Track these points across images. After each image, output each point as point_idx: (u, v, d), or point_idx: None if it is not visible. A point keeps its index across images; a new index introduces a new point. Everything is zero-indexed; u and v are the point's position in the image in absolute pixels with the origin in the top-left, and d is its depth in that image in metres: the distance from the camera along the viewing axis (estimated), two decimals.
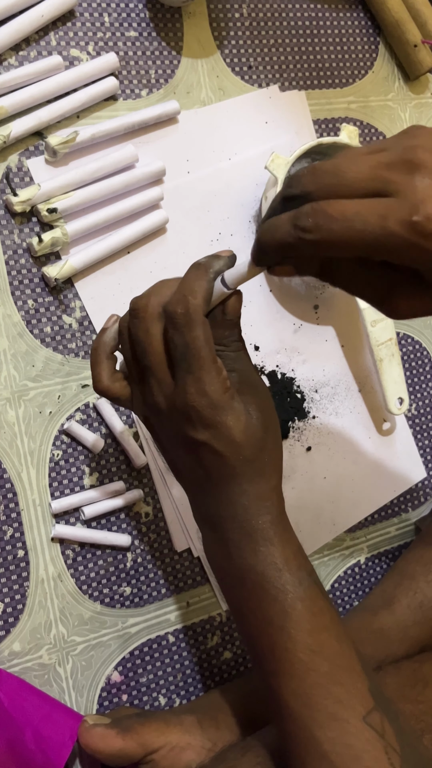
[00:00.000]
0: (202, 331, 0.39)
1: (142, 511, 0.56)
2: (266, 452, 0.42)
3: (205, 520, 0.43)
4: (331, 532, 0.64)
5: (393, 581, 0.59)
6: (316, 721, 0.38)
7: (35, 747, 0.45)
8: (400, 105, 0.70)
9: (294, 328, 0.63)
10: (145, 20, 0.59)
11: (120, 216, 0.55)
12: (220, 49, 0.62)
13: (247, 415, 0.40)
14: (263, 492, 0.42)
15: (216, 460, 0.40)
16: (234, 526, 0.41)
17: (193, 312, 0.39)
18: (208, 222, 0.60)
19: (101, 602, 0.54)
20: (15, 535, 0.52)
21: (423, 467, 0.69)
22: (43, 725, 0.46)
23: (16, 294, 0.53)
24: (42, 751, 0.45)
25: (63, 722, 0.47)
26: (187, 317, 0.39)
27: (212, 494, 0.41)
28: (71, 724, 0.47)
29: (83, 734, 0.46)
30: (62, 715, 0.48)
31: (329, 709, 0.39)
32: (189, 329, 0.39)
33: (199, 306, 0.39)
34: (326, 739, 0.38)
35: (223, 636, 0.59)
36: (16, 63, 0.54)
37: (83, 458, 0.54)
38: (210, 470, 0.41)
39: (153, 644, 0.56)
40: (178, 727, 0.48)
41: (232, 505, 0.41)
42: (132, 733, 0.47)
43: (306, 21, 0.66)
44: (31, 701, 0.47)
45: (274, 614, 0.40)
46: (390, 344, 0.62)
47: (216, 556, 0.43)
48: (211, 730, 0.49)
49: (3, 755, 0.45)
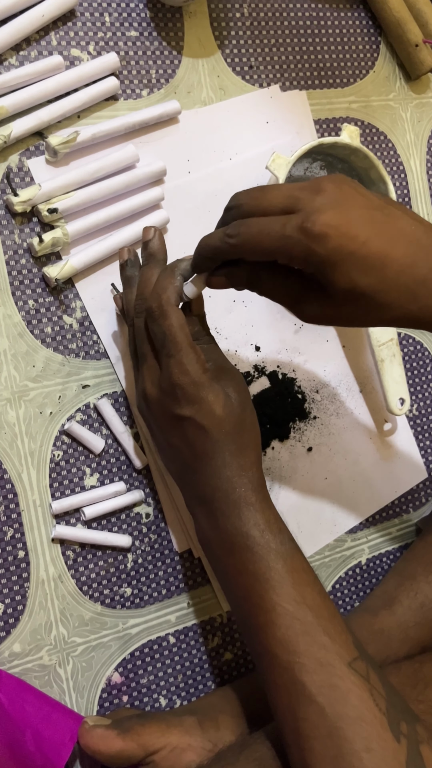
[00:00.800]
0: (176, 319, 0.45)
1: (143, 511, 0.56)
2: (245, 429, 0.47)
3: (195, 498, 0.47)
4: (332, 532, 0.63)
5: (394, 582, 0.59)
6: (304, 666, 0.41)
7: (35, 748, 0.45)
8: (402, 105, 0.70)
9: (295, 328, 0.63)
10: (146, 20, 0.59)
11: (121, 216, 0.55)
12: (221, 49, 0.62)
13: (226, 394, 0.46)
14: (244, 464, 0.46)
15: (200, 435, 0.46)
16: (220, 495, 0.45)
17: (165, 304, 0.46)
18: (208, 222, 0.60)
19: (102, 603, 0.54)
20: (15, 535, 0.51)
21: (424, 468, 0.69)
22: (43, 726, 0.46)
23: (17, 294, 0.53)
24: (42, 752, 0.45)
25: (63, 723, 0.47)
26: (161, 309, 0.46)
27: (200, 470, 0.46)
28: (71, 725, 0.47)
29: (83, 735, 0.46)
30: (62, 716, 0.47)
31: (316, 655, 0.41)
32: (164, 318, 0.45)
33: (170, 299, 0.46)
34: (312, 682, 0.40)
35: (224, 637, 0.59)
36: (16, 63, 0.54)
37: (84, 459, 0.54)
38: (195, 446, 0.46)
39: (154, 645, 0.56)
40: (178, 728, 0.48)
41: (218, 477, 0.46)
42: (132, 734, 0.47)
43: (307, 21, 0.66)
44: (31, 702, 0.47)
45: (260, 570, 0.44)
46: (391, 344, 0.62)
47: (207, 530, 0.46)
48: (212, 731, 0.49)
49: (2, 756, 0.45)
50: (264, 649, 0.43)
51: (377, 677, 0.41)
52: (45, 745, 0.46)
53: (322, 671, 0.40)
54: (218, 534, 0.46)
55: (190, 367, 0.45)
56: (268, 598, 0.43)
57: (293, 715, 0.40)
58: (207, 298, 0.59)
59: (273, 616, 0.42)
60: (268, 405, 0.61)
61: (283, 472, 0.61)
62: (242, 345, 0.61)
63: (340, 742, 0.38)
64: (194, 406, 0.45)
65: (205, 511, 0.46)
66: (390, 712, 0.40)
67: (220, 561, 0.46)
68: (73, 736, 0.47)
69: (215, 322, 0.59)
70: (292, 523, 0.61)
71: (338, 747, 0.38)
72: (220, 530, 0.45)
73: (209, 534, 0.46)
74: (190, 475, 0.47)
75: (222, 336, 0.60)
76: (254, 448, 0.47)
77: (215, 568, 0.47)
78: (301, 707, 0.40)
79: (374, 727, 0.39)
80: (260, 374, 0.61)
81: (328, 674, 0.40)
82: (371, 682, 0.41)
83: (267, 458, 0.61)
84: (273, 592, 0.43)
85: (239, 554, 0.44)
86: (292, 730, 0.41)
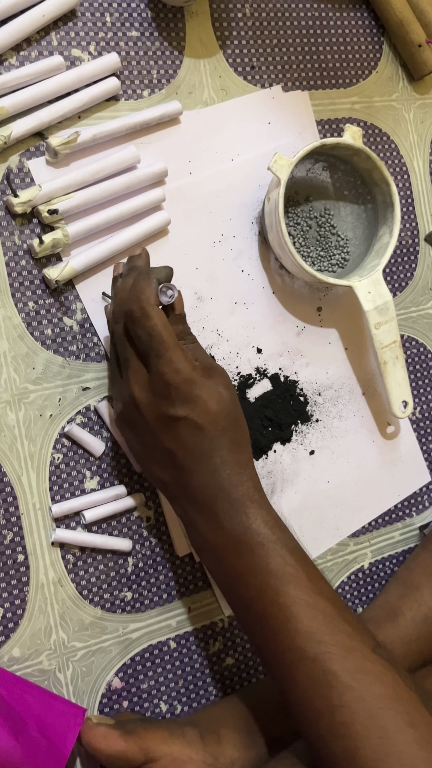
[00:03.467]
0: (159, 319, 0.45)
1: (144, 515, 0.56)
2: (238, 425, 0.47)
3: (192, 503, 0.46)
4: (335, 536, 0.63)
5: (397, 592, 0.58)
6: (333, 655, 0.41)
7: (39, 734, 0.44)
8: (405, 105, 0.70)
9: (297, 330, 0.62)
10: (147, 20, 0.58)
11: (121, 217, 0.55)
12: (223, 49, 0.61)
13: (218, 391, 0.46)
14: (241, 460, 0.46)
15: (197, 434, 0.45)
16: (222, 495, 0.45)
17: (146, 305, 0.45)
18: (210, 223, 0.60)
19: (102, 607, 0.54)
20: (15, 539, 0.51)
21: (427, 471, 0.68)
22: (45, 714, 0.46)
23: (17, 296, 0.52)
24: (47, 738, 0.44)
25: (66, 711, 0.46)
26: (142, 310, 0.45)
27: (196, 472, 0.45)
28: (75, 712, 0.46)
29: (86, 732, 0.46)
30: (64, 706, 0.47)
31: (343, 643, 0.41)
32: (147, 319, 0.45)
33: (150, 299, 0.45)
34: (345, 669, 0.41)
35: (225, 642, 0.58)
36: (17, 63, 0.54)
37: (84, 462, 0.54)
38: (192, 446, 0.45)
39: (154, 650, 0.55)
40: (180, 739, 0.47)
41: (217, 476, 0.45)
42: (135, 736, 0.46)
43: (309, 21, 0.65)
44: (32, 694, 0.47)
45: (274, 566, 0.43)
46: (394, 347, 0.62)
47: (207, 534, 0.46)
48: (213, 744, 0.48)
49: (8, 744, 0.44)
50: (286, 646, 0.42)
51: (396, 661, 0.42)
52: (49, 731, 0.45)
53: (352, 658, 0.41)
54: (222, 536, 0.45)
55: (181, 366, 0.44)
56: (285, 593, 0.43)
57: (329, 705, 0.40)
58: (209, 299, 0.59)
59: (295, 610, 0.42)
60: (270, 407, 0.60)
61: (285, 476, 0.61)
62: (244, 347, 0.60)
63: (384, 722, 0.39)
64: (189, 405, 0.45)
65: (205, 514, 0.46)
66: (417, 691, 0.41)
67: (226, 564, 0.45)
68: (77, 721, 0.46)
69: (217, 324, 0.59)
70: (294, 526, 0.60)
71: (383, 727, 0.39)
72: (225, 531, 0.45)
73: (211, 538, 0.46)
74: (185, 478, 0.46)
75: (224, 338, 0.59)
76: (247, 444, 0.48)
77: (217, 573, 0.47)
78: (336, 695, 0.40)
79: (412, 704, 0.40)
80: (262, 376, 0.61)
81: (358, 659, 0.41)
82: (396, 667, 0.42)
83: (269, 461, 0.60)
84: (291, 586, 0.43)
85: (249, 553, 0.44)
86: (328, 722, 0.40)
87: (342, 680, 0.40)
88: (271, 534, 0.44)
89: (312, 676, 0.41)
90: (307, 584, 0.43)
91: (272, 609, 0.43)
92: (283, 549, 0.44)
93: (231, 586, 0.46)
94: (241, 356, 0.60)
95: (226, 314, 0.60)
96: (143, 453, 0.49)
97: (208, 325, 0.59)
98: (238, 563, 0.44)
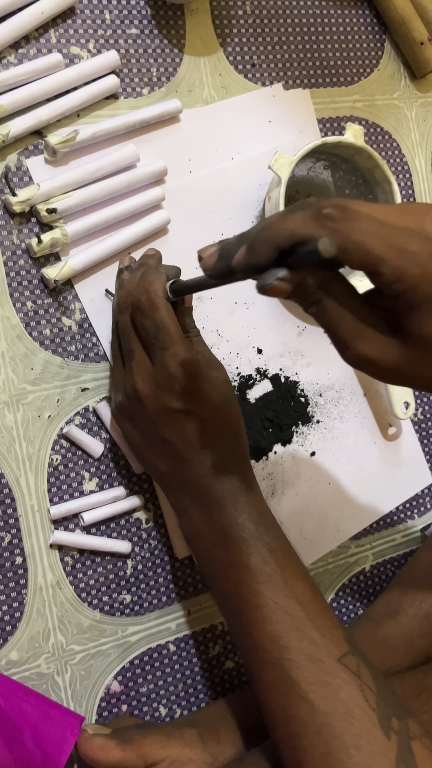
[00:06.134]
0: (167, 311, 0.45)
1: (143, 517, 0.55)
2: (237, 419, 0.48)
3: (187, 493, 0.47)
4: (336, 539, 0.62)
5: (398, 591, 0.58)
6: (294, 663, 0.40)
7: (34, 746, 0.44)
8: (406, 104, 0.69)
9: (298, 330, 0.62)
10: (147, 17, 0.58)
11: (121, 216, 0.54)
12: (223, 47, 0.61)
13: (219, 384, 0.47)
14: (239, 454, 0.47)
15: (198, 426, 0.45)
16: (218, 486, 0.45)
17: (155, 296, 0.45)
18: (210, 222, 0.59)
19: (101, 610, 0.53)
20: (13, 541, 0.51)
21: (429, 473, 0.68)
22: (41, 724, 0.45)
23: (15, 296, 0.52)
24: (41, 750, 0.44)
25: (63, 720, 0.46)
26: (150, 302, 0.45)
27: (196, 462, 0.46)
28: (72, 722, 0.46)
29: (82, 744, 0.46)
30: (62, 714, 0.47)
31: (306, 651, 0.41)
32: (154, 311, 0.45)
33: (159, 291, 0.45)
34: (303, 679, 0.40)
35: (225, 645, 0.58)
36: (15, 61, 0.53)
37: (83, 463, 0.53)
38: (192, 438, 0.46)
39: (153, 653, 0.55)
40: (179, 740, 0.47)
41: (215, 467, 0.45)
42: (132, 744, 0.46)
43: (310, 18, 0.65)
44: (29, 701, 0.46)
45: (252, 563, 0.43)
46: None
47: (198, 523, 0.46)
48: (213, 744, 0.48)
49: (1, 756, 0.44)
50: (253, 645, 0.42)
51: (368, 672, 0.41)
52: (44, 743, 0.45)
53: (312, 667, 0.40)
54: (211, 526, 0.46)
55: (186, 359, 0.45)
56: (259, 593, 0.43)
57: (283, 712, 0.40)
58: (209, 299, 0.58)
59: (266, 611, 0.42)
60: (271, 408, 0.60)
61: (285, 477, 0.60)
62: (244, 347, 0.60)
63: (329, 739, 0.38)
64: (193, 398, 0.45)
65: (198, 504, 0.46)
66: (380, 708, 0.39)
67: (211, 555, 0.46)
68: (74, 731, 0.46)
69: (217, 324, 0.59)
70: (294, 529, 0.60)
71: (327, 744, 0.38)
72: (214, 522, 0.45)
73: (200, 527, 0.46)
74: (183, 469, 0.47)
75: (224, 338, 0.59)
76: (245, 438, 0.48)
77: (204, 564, 0.47)
78: (291, 704, 0.40)
79: (363, 724, 0.38)
80: (263, 377, 0.60)
81: (318, 670, 0.40)
82: (362, 678, 0.40)
83: (269, 462, 0.60)
84: (264, 585, 0.43)
85: (232, 546, 0.44)
86: (282, 727, 0.40)
87: (298, 690, 0.40)
88: (256, 530, 0.44)
89: (272, 680, 0.41)
90: (282, 586, 0.43)
91: (246, 607, 0.43)
92: (265, 547, 0.44)
93: (215, 578, 0.46)
94: (241, 357, 0.60)
95: (226, 314, 0.59)
96: (141, 442, 0.49)
97: (208, 325, 0.58)
98: (223, 556, 0.45)
